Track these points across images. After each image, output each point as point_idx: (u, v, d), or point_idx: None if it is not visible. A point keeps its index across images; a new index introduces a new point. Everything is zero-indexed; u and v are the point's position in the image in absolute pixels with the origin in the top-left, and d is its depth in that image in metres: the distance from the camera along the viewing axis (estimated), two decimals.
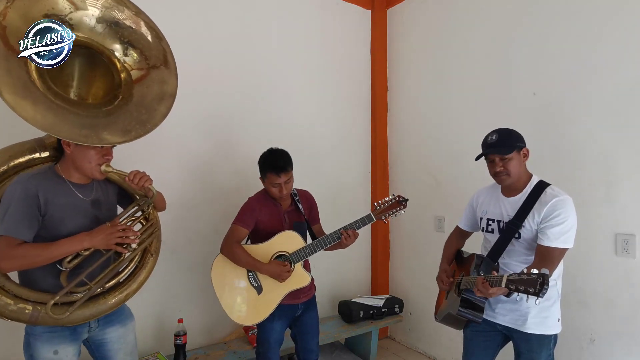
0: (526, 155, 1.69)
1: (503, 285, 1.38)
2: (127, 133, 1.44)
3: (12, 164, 1.48)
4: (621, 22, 1.98)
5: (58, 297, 1.37)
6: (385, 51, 3.36)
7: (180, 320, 2.31)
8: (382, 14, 3.33)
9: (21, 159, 1.50)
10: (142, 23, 1.56)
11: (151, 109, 1.53)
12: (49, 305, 1.35)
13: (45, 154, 1.54)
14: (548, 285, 1.28)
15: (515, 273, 1.38)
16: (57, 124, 1.30)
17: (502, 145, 1.62)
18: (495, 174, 1.69)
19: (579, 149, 2.14)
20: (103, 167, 1.49)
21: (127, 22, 1.53)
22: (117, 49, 1.54)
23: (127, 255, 1.54)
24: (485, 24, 2.60)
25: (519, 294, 1.33)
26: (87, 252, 1.43)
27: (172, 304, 2.45)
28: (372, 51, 3.33)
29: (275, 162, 1.94)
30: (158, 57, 1.59)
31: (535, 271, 1.31)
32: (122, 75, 1.55)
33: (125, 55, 1.56)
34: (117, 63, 1.55)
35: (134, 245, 1.51)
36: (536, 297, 1.29)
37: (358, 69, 3.29)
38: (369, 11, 3.32)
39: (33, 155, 1.52)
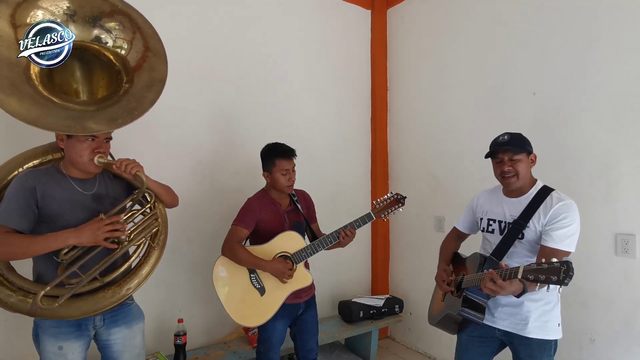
0: (533, 162, 1.67)
1: (520, 276, 1.30)
2: (114, 121, 1.43)
3: (26, 166, 1.54)
4: (621, 21, 1.98)
5: (48, 288, 1.37)
6: (385, 51, 3.36)
7: (180, 321, 2.31)
8: (382, 14, 3.33)
9: (35, 161, 1.56)
10: (111, 9, 1.55)
11: (139, 96, 1.52)
12: (39, 296, 1.35)
13: (57, 155, 1.58)
14: (573, 272, 1.20)
15: (533, 263, 1.31)
16: (40, 117, 1.34)
17: (514, 145, 1.62)
18: (502, 175, 1.65)
19: (579, 149, 2.13)
20: (96, 159, 1.46)
21: (105, 17, 1.53)
22: (108, 40, 1.54)
23: (119, 250, 1.48)
24: (485, 24, 2.60)
25: (539, 284, 1.26)
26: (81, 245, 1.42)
27: (172, 304, 2.45)
28: (372, 51, 3.33)
29: (284, 147, 2.02)
30: (131, 28, 1.57)
31: (555, 260, 1.25)
32: (118, 64, 1.55)
33: (116, 45, 1.55)
34: (111, 55, 1.55)
35: (122, 237, 1.45)
36: (559, 286, 1.22)
37: (358, 69, 3.29)
38: (369, 11, 3.32)
39: (46, 157, 1.58)
